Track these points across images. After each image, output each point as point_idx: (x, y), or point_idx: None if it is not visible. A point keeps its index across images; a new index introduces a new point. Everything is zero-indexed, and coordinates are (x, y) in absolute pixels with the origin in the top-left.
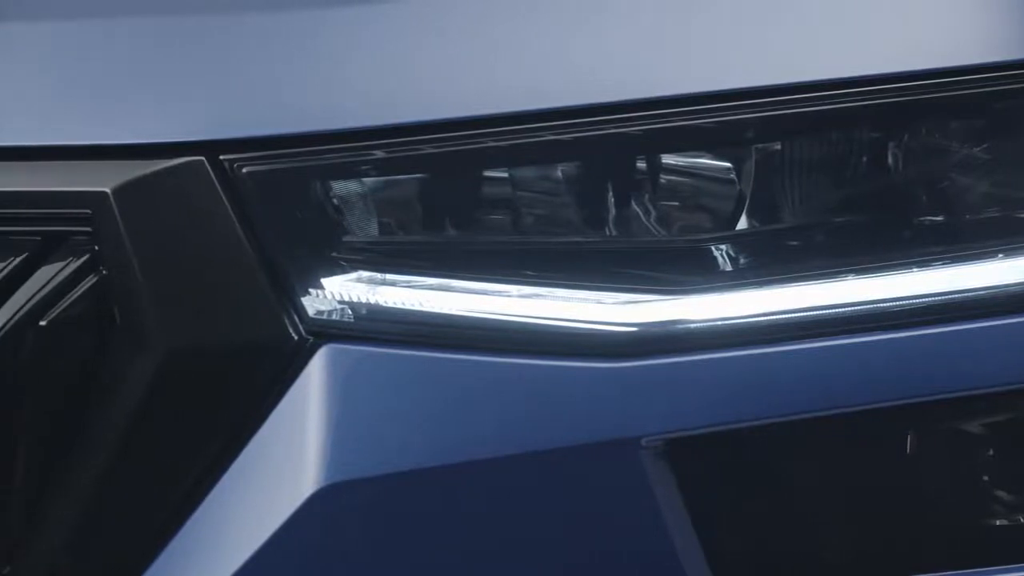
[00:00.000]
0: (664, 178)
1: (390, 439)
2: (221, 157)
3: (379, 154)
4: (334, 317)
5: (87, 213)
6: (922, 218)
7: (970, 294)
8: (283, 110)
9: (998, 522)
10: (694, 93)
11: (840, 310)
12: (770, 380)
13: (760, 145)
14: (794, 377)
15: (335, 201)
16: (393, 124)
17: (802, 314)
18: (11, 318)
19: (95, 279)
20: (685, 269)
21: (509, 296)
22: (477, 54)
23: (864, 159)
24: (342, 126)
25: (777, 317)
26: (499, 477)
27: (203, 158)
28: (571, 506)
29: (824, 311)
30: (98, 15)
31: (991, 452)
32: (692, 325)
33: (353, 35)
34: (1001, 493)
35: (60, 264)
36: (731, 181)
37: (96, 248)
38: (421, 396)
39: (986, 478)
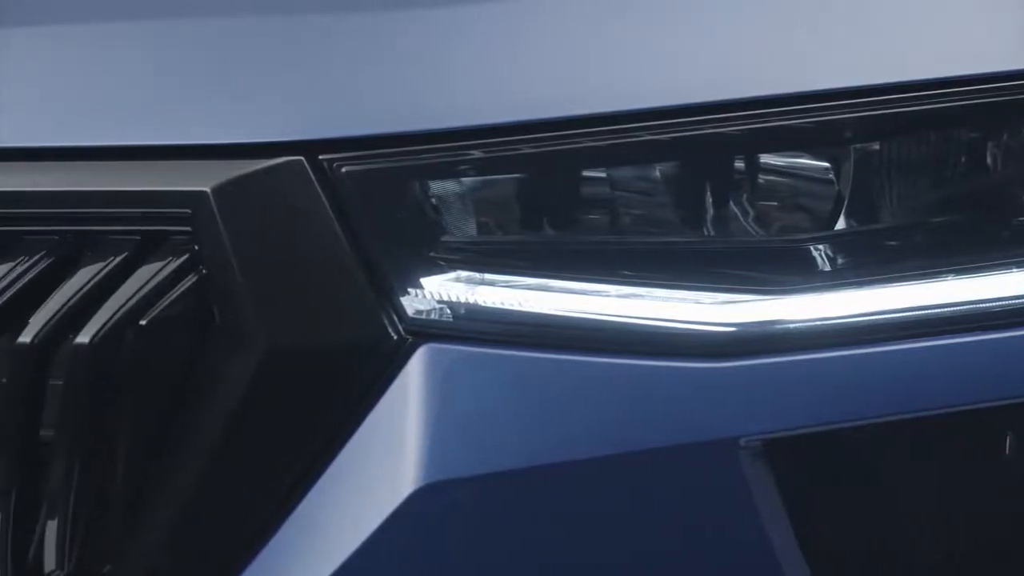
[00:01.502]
0: (762, 178)
1: (488, 439)
2: (320, 157)
3: (477, 154)
4: (433, 317)
5: (187, 213)
6: (1022, 217)
7: None
8: (382, 110)
9: None
10: (792, 93)
11: (939, 310)
12: (869, 380)
13: (858, 145)
14: (893, 377)
15: (433, 201)
16: (492, 124)
17: (901, 314)
18: (111, 318)
19: (194, 279)
20: (783, 269)
21: (607, 296)
22: (575, 54)
23: (963, 159)
24: (441, 126)
25: (876, 317)
26: (597, 477)
27: (302, 158)
28: (668, 506)
29: (923, 311)
30: (198, 15)
31: None
32: (791, 325)
33: (453, 35)
34: None
35: (160, 264)
36: (830, 181)
37: (196, 248)
38: (519, 396)
39: None
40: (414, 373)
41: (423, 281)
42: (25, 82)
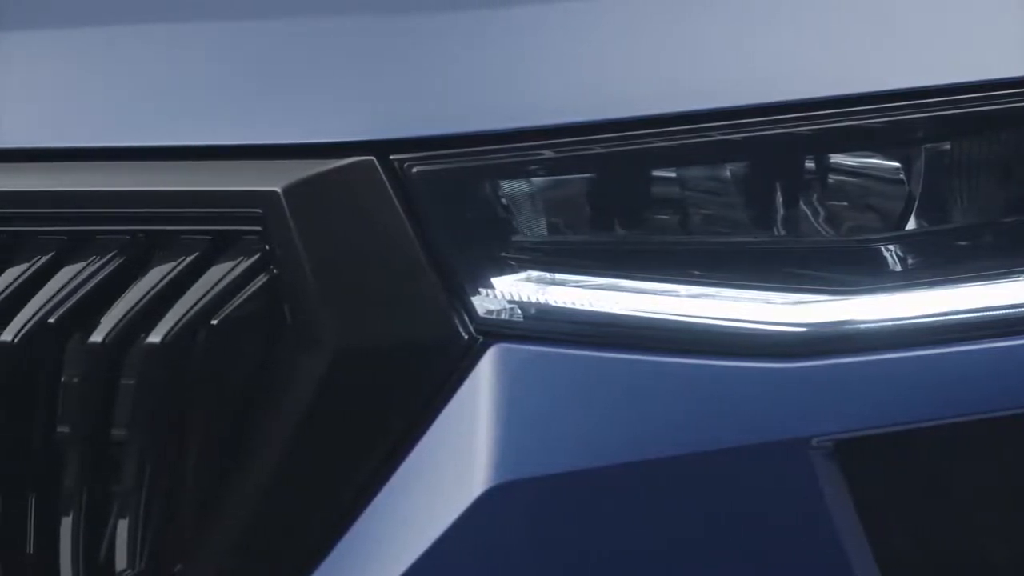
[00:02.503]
0: (833, 178)
1: (558, 439)
2: (391, 157)
3: (548, 154)
4: (503, 317)
5: (258, 212)
6: None
7: None
8: (453, 110)
9: None
10: (863, 92)
11: (1011, 310)
12: (941, 380)
13: (929, 144)
14: (965, 377)
15: (504, 201)
16: (562, 124)
17: (973, 314)
18: (182, 317)
19: (265, 278)
20: (854, 269)
21: (678, 296)
22: (646, 54)
23: None
24: (511, 126)
25: (948, 317)
26: (667, 477)
27: (373, 158)
28: (739, 506)
29: (994, 311)
30: (271, 16)
31: None
32: (862, 325)
33: (523, 35)
34: None
35: (230, 264)
36: (900, 181)
37: (267, 247)
38: (590, 396)
39: None
40: (485, 373)
41: (494, 281)
42: (100, 82)
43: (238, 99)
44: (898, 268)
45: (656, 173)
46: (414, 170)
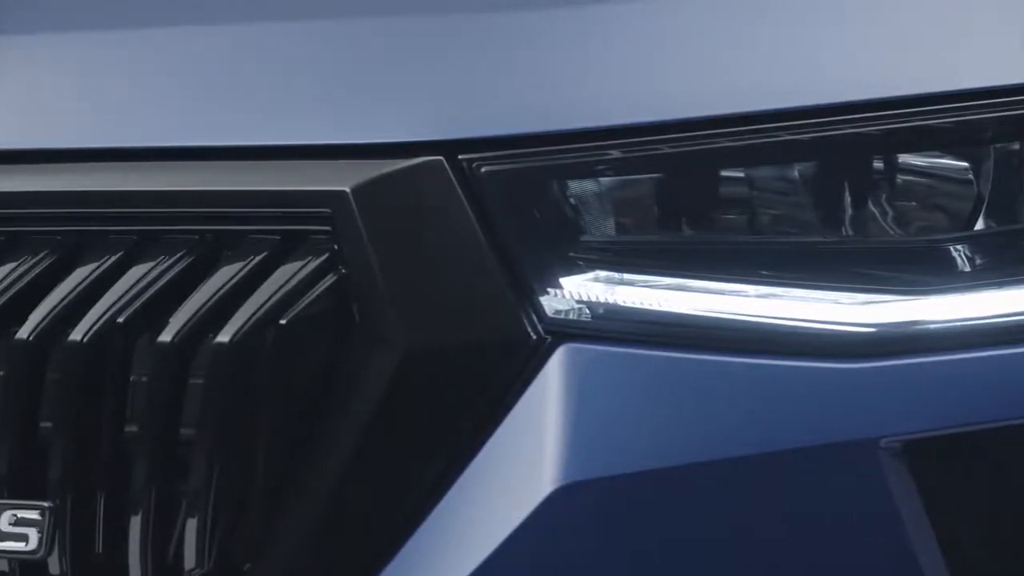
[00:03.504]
0: (901, 178)
1: (626, 439)
2: (459, 157)
3: (615, 154)
4: (571, 316)
5: (327, 212)
6: None
7: None
8: (521, 110)
9: None
10: (931, 93)
11: None
12: (1010, 381)
13: (998, 144)
14: None
15: (572, 201)
16: (630, 124)
17: None
18: (251, 317)
19: (334, 278)
20: (923, 269)
21: (746, 296)
22: (714, 54)
23: None
24: (579, 126)
25: (1016, 318)
26: (735, 478)
27: (442, 158)
28: (807, 506)
29: None
30: (339, 16)
31: None
32: (930, 326)
33: (592, 35)
34: None
35: (299, 263)
36: (969, 181)
37: (335, 247)
38: (657, 396)
39: None
40: (553, 373)
41: (562, 281)
42: (170, 82)
43: (306, 99)
44: (967, 268)
45: (724, 173)
46: (482, 170)
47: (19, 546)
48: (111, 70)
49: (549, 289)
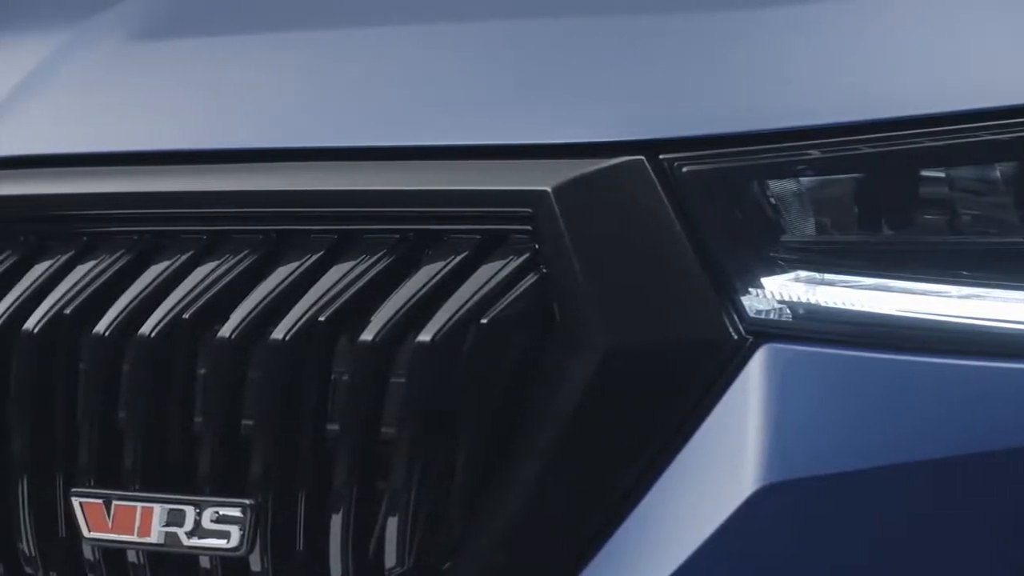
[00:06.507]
0: None
1: (828, 439)
2: (661, 157)
3: (816, 154)
4: (772, 316)
5: (527, 212)
6: None
7: None
8: (722, 110)
9: None
10: None
11: None
12: None
13: None
14: None
15: (773, 200)
16: (830, 124)
17: None
18: (452, 316)
19: (535, 278)
20: None
21: (947, 296)
22: (913, 53)
23: None
24: (779, 126)
25: None
26: (937, 479)
27: (642, 157)
28: (1011, 509)
29: None
30: (538, 15)
31: None
32: None
33: (790, 35)
34: None
35: (500, 263)
36: None
37: (536, 247)
38: (859, 396)
39: None
40: (754, 373)
41: (763, 281)
42: (371, 83)
43: (505, 99)
44: None
45: (925, 173)
46: (684, 170)
47: (221, 543)
48: (316, 72)
49: (750, 289)
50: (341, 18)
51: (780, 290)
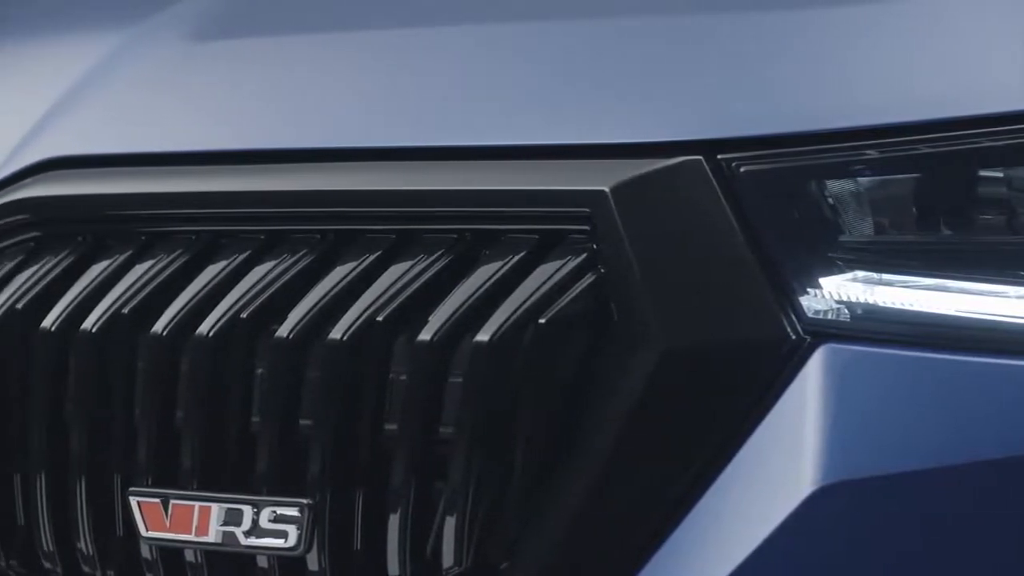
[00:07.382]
0: None
1: (887, 440)
2: (719, 156)
3: (874, 154)
4: (830, 317)
5: (585, 212)
6: None
7: None
8: (780, 110)
9: None
10: None
11: None
12: None
13: None
14: None
15: (831, 200)
16: (888, 124)
17: None
18: (510, 316)
19: (593, 277)
20: None
21: (1006, 297)
22: (973, 52)
23: None
24: (837, 126)
25: None
26: (997, 480)
27: (701, 157)
28: None
29: None
30: (595, 16)
31: None
32: None
33: (847, 35)
34: None
35: (558, 263)
36: None
37: (594, 247)
38: (917, 397)
39: None
40: (813, 373)
41: (821, 281)
42: (430, 82)
43: (562, 99)
44: None
45: (983, 173)
46: (742, 170)
47: (279, 543)
48: (363, 72)
49: (808, 289)
50: (396, 18)
51: (838, 290)
